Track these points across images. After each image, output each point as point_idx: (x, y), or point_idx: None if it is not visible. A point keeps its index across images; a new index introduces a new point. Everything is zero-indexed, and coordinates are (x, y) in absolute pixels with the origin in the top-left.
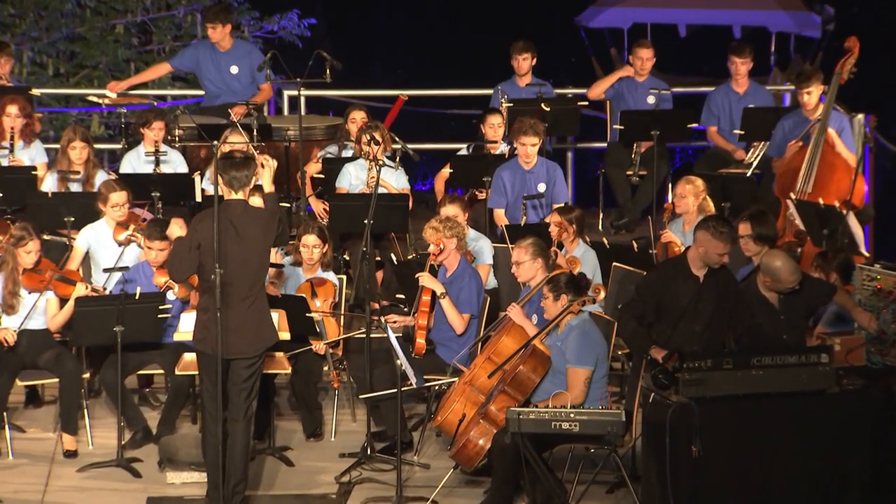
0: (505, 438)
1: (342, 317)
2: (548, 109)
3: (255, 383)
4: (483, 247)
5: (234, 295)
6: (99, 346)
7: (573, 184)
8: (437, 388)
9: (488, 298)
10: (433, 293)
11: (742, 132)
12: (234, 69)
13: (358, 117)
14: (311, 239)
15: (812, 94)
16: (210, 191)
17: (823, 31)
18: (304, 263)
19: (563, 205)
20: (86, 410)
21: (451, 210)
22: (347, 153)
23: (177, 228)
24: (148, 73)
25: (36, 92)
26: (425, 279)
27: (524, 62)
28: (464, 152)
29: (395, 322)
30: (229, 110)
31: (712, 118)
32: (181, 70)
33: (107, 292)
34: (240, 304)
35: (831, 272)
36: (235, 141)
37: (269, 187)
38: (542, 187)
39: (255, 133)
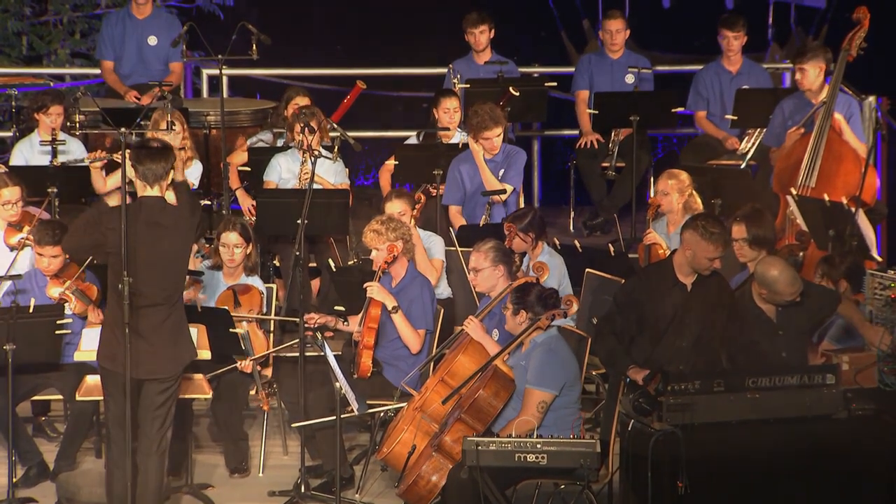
0: (461, 473)
1: (271, 333)
2: (517, 94)
3: (169, 410)
4: (434, 243)
5: (147, 306)
6: None
7: (539, 178)
8: (382, 415)
9: (441, 311)
10: (383, 307)
11: (734, 117)
12: (153, 40)
13: (301, 104)
14: (231, 237)
15: (806, 72)
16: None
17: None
18: (224, 266)
19: (517, 210)
20: None
21: (396, 206)
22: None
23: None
24: (113, 84)
25: None
26: (375, 291)
27: (481, 36)
28: (413, 141)
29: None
30: (136, 94)
31: (700, 101)
32: (117, 56)
33: None
34: (154, 315)
35: (839, 279)
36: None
37: (179, 175)
38: (502, 174)
39: (169, 119)
